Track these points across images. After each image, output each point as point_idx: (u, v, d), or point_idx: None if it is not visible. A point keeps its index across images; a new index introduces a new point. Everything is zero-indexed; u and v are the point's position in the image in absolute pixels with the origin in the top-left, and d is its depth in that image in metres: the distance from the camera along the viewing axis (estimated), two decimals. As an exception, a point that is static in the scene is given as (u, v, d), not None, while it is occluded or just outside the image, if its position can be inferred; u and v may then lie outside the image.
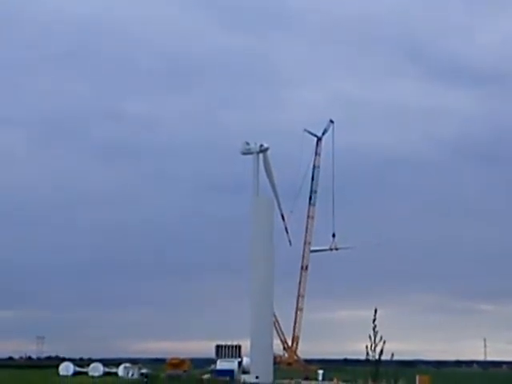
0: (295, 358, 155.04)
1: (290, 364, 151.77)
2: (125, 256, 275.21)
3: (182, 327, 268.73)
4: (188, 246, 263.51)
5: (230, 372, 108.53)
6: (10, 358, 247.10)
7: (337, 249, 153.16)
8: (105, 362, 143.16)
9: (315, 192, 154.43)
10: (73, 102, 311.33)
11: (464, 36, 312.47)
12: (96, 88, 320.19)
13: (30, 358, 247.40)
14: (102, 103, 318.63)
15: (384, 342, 15.63)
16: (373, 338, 15.63)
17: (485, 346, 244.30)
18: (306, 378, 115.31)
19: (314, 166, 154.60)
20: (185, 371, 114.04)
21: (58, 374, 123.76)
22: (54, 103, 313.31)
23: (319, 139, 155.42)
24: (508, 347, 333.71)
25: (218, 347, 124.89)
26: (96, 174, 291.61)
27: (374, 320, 15.61)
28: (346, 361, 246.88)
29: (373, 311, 15.76)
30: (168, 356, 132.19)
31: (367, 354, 15.76)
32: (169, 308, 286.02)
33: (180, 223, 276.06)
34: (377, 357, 15.75)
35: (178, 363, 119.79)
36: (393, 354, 16.27)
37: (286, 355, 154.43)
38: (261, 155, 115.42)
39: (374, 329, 15.61)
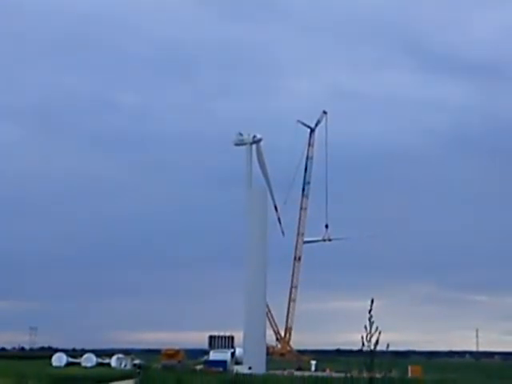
0: (288, 348, 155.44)
1: (282, 355, 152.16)
2: (119, 247, 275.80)
3: (175, 318, 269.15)
4: (182, 236, 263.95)
5: (223, 363, 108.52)
6: (3, 349, 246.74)
7: (330, 240, 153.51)
8: (98, 353, 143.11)
9: (308, 183, 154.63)
10: (68, 92, 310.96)
11: (461, 28, 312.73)
12: (91, 78, 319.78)
13: (22, 348, 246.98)
14: (97, 94, 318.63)
15: (379, 333, 15.55)
16: (368, 329, 15.54)
17: (477, 336, 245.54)
18: (299, 369, 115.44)
19: (308, 157, 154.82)
20: (179, 362, 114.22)
21: (50, 364, 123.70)
22: (48, 94, 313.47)
23: (312, 130, 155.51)
24: (501, 338, 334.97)
25: (211, 338, 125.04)
26: (91, 165, 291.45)
27: (370, 310, 15.52)
28: (338, 351, 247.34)
29: (365, 302, 15.72)
30: (161, 347, 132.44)
31: (362, 344, 15.67)
32: (162, 299, 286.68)
33: (175, 214, 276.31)
34: (372, 347, 15.66)
35: (173, 354, 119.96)
36: (388, 345, 16.18)
37: (279, 346, 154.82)
38: (254, 146, 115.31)
39: (369, 319, 15.52)
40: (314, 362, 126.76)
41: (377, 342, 15.57)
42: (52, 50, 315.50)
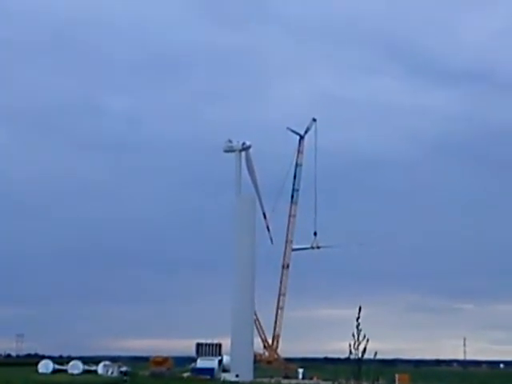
0: (275, 356, 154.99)
1: (270, 362, 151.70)
2: (105, 252, 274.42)
3: (163, 325, 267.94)
4: (170, 242, 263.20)
5: (211, 370, 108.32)
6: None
7: (318, 247, 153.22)
8: (84, 360, 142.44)
9: (297, 190, 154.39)
10: (57, 96, 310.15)
11: (448, 34, 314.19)
12: (80, 82, 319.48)
13: (9, 355, 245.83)
14: (87, 98, 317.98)
15: (367, 341, 15.48)
16: (356, 336, 15.47)
17: (464, 345, 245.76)
18: (286, 377, 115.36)
19: (297, 165, 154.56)
20: (168, 369, 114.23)
21: (37, 371, 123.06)
22: (39, 97, 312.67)
23: (302, 137, 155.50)
24: (488, 347, 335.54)
25: (199, 345, 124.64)
26: (79, 168, 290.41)
27: (358, 318, 15.45)
28: (326, 359, 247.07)
29: (353, 310, 15.68)
30: (148, 354, 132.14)
31: (350, 352, 15.59)
32: (149, 306, 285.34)
33: (162, 219, 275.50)
34: (359, 355, 15.58)
35: (162, 361, 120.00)
36: (376, 353, 16.10)
37: (267, 354, 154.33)
38: (243, 153, 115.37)
39: (357, 327, 15.45)
40: (301, 370, 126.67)
41: (364, 350, 15.51)
42: (39, 52, 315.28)
